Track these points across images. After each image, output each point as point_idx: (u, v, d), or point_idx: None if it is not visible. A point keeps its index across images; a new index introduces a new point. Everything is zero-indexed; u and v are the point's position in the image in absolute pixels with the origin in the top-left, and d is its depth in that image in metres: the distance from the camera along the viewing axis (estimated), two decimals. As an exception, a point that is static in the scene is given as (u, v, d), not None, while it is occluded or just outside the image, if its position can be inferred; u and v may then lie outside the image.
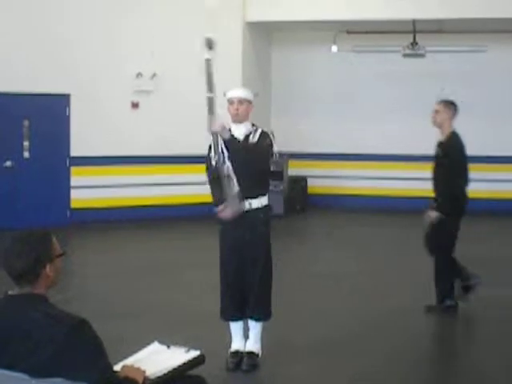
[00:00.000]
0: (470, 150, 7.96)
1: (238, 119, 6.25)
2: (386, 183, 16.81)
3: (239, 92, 6.37)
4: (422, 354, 6.87)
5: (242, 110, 6.24)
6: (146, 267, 10.47)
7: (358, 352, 6.83)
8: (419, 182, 16.42)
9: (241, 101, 6.25)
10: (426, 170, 17.07)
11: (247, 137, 6.23)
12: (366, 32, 16.39)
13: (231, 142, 6.07)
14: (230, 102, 6.26)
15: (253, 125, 6.37)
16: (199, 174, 13.94)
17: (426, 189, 15.49)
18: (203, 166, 6.45)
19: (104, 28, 14.18)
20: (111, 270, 10.33)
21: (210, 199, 6.39)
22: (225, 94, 6.30)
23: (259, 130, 6.30)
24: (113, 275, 10.02)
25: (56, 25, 13.73)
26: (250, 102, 6.33)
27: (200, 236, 12.46)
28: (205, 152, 6.34)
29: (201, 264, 10.18)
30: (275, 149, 6.29)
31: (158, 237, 13.12)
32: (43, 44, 13.58)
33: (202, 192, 14.85)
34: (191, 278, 9.80)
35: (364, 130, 16.91)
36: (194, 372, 3.84)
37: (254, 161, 6.15)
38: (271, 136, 6.33)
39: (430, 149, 8.26)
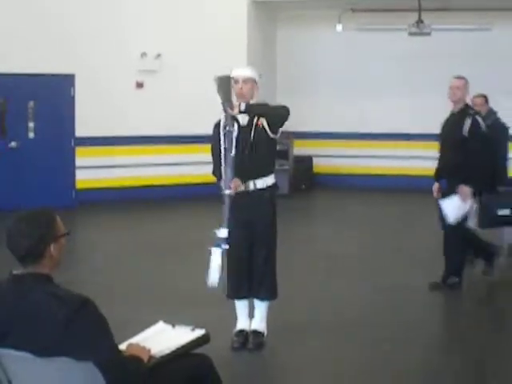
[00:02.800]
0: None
1: (243, 98, 6.18)
2: (391, 162, 16.78)
3: (244, 71, 6.32)
4: (428, 334, 6.87)
5: (246, 89, 6.17)
6: (151, 247, 10.48)
7: (363, 331, 6.84)
8: (425, 161, 16.41)
9: (245, 80, 6.18)
10: (432, 149, 17.04)
11: (251, 120, 6.20)
12: (371, 10, 16.31)
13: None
14: (235, 81, 6.18)
15: None
16: (205, 153, 13.99)
17: (431, 167, 15.44)
18: (209, 146, 6.45)
19: (108, 7, 14.14)
20: (116, 251, 10.36)
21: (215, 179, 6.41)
22: (230, 73, 6.28)
23: None
24: (118, 255, 10.04)
25: (60, 5, 13.69)
26: (254, 80, 6.26)
27: (206, 215, 12.34)
28: (209, 132, 6.35)
29: (207, 243, 10.17)
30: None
31: (163, 217, 13.13)
32: (48, 24, 13.55)
33: (208, 171, 14.93)
34: (197, 257, 9.77)
35: (369, 109, 16.87)
36: (199, 351, 3.85)
37: (258, 145, 6.15)
38: None
39: (437, 127, 8.26)
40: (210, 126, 6.36)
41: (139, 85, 14.67)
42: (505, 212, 8.77)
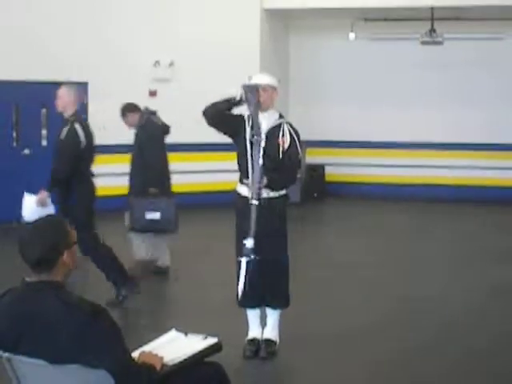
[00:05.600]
0: (489, 138, 7.94)
1: (262, 107, 6.16)
2: (403, 171, 16.75)
3: (262, 78, 6.28)
4: (438, 343, 6.85)
5: (265, 97, 6.13)
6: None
7: (375, 341, 6.83)
8: (438, 170, 16.42)
9: (264, 87, 6.13)
10: (444, 158, 17.02)
11: (273, 131, 6.17)
12: (384, 19, 16.31)
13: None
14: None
15: (280, 116, 6.31)
16: (217, 161, 14.03)
17: (443, 176, 15.41)
18: (221, 154, 6.47)
19: (122, 16, 14.19)
20: (128, 258, 10.35)
21: (228, 187, 6.39)
22: (249, 81, 6.23)
23: (287, 129, 6.21)
24: (129, 263, 10.03)
25: (73, 13, 13.74)
26: (274, 88, 6.23)
27: (219, 224, 12.42)
28: (221, 141, 6.33)
29: (219, 252, 10.19)
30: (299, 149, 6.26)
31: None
32: (60, 32, 13.59)
33: (220, 179, 14.95)
34: (209, 266, 9.82)
35: (381, 118, 16.85)
36: (212, 359, 3.85)
37: (275, 156, 6.13)
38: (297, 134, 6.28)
39: (449, 136, 8.26)
40: (222, 135, 6.34)
41: (152, 93, 14.69)
42: (154, 216, 8.61)
